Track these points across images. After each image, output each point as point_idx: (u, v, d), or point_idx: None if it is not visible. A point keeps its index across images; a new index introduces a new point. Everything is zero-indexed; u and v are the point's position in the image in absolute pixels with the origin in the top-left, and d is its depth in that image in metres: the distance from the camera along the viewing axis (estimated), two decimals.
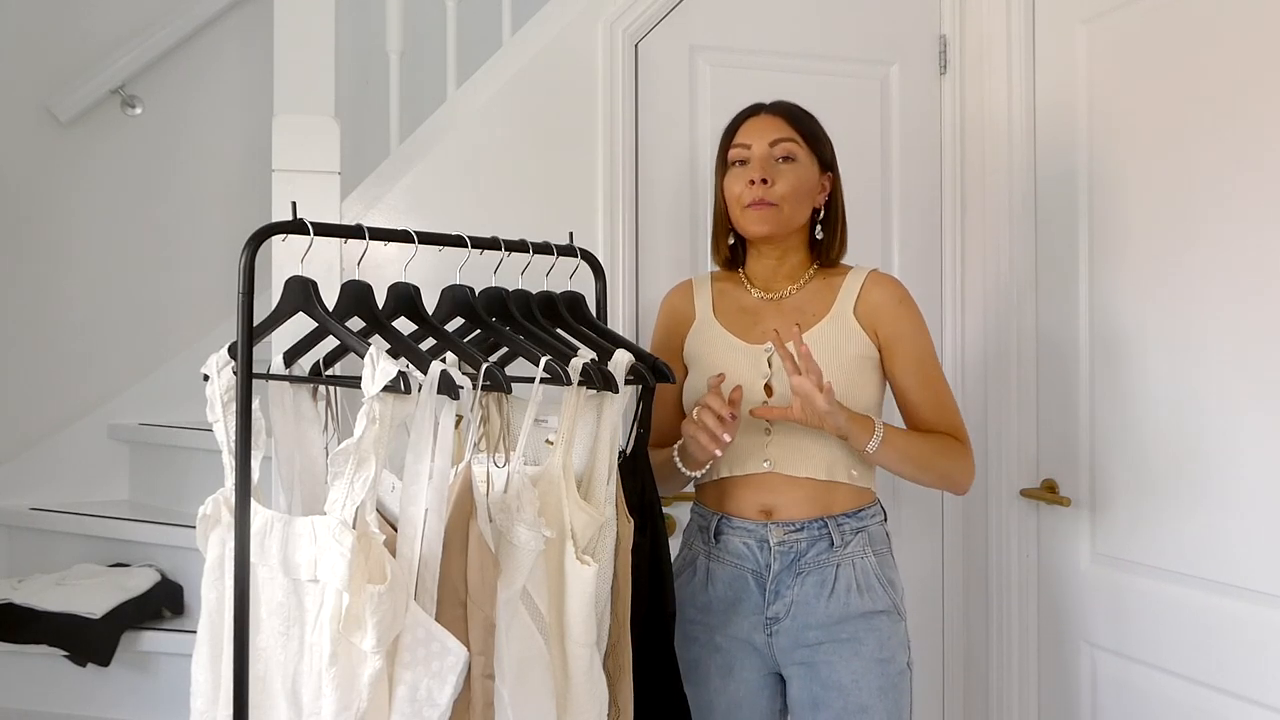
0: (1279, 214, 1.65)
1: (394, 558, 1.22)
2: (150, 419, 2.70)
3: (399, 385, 1.19)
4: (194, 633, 1.42)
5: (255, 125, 2.61)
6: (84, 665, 2.13)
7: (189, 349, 2.73)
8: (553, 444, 1.38)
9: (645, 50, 2.11)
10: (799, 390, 1.52)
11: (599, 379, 1.37)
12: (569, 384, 1.34)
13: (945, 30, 2.27)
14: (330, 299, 1.38)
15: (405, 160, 2.03)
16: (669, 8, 2.11)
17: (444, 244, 1.46)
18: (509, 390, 1.32)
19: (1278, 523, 1.65)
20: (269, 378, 1.44)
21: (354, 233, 1.38)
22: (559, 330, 1.57)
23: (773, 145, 1.67)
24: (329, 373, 1.49)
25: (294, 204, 1.37)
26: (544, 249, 1.57)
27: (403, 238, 1.42)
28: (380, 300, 1.43)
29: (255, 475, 1.31)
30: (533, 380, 1.32)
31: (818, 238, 1.73)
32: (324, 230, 1.35)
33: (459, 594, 1.24)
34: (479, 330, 1.53)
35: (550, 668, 1.31)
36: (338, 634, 1.18)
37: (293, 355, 1.46)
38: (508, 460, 1.32)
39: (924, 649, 2.13)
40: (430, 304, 1.49)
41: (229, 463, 1.36)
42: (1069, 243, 2.06)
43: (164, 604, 2.25)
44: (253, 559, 1.28)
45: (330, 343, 1.44)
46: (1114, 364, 1.95)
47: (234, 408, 1.30)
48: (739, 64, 2.15)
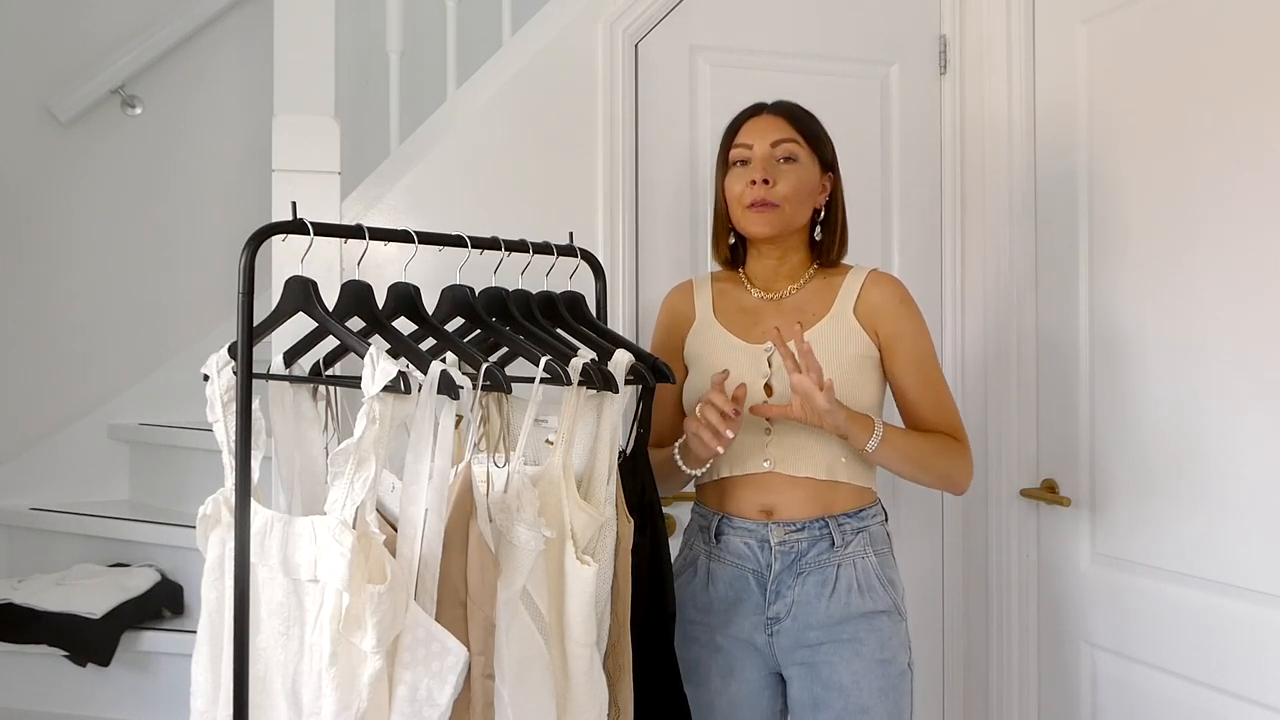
0: (1279, 214, 1.65)
1: (394, 558, 1.22)
2: (150, 419, 2.70)
3: (399, 385, 1.19)
4: (194, 633, 1.42)
5: (255, 125, 2.61)
6: (84, 665, 2.13)
7: (189, 349, 2.73)
8: (553, 444, 1.38)
9: (645, 50, 2.11)
10: (799, 388, 1.52)
11: (599, 379, 1.37)
12: (569, 384, 1.34)
13: (945, 30, 2.27)
14: (330, 299, 1.38)
15: (405, 160, 2.03)
16: (669, 8, 2.11)
17: (444, 244, 1.46)
18: (509, 390, 1.32)
19: (1278, 523, 1.65)
20: (269, 378, 1.44)
21: (354, 233, 1.38)
22: (559, 330, 1.57)
23: (774, 146, 1.67)
24: (329, 373, 1.49)
25: (294, 204, 1.37)
26: (544, 249, 1.57)
27: (403, 238, 1.42)
28: (380, 300, 1.43)
29: (255, 475, 1.31)
30: (533, 380, 1.32)
31: (817, 238, 1.73)
32: (324, 230, 1.35)
33: (459, 594, 1.24)
34: (479, 330, 1.53)
35: (550, 668, 1.31)
36: (338, 634, 1.18)
37: (293, 355, 1.46)
38: (508, 460, 1.32)
39: (924, 649, 2.13)
40: (430, 304, 1.49)
41: (229, 463, 1.36)
42: (1069, 243, 2.05)
43: (164, 604, 2.25)
44: (253, 559, 1.28)
45: (330, 343, 1.44)
46: (1114, 364, 1.95)
47: (234, 408, 1.30)
48: (739, 64, 2.15)
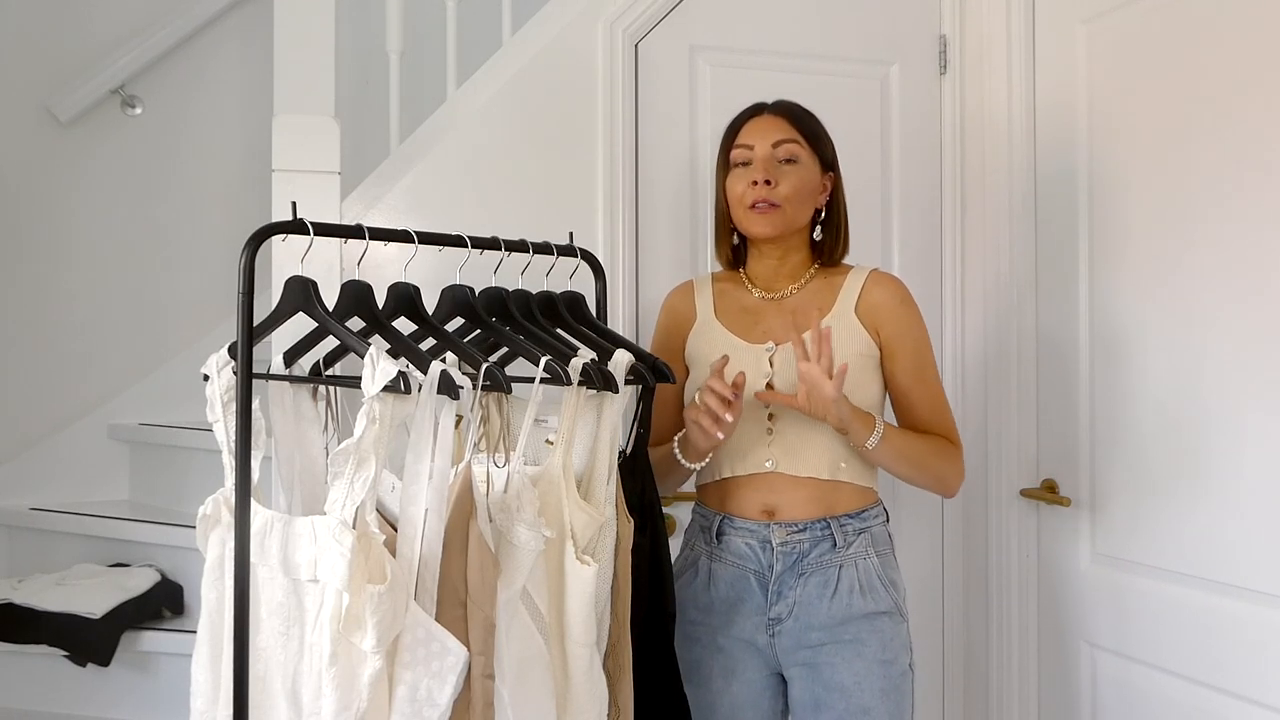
0: (1279, 214, 1.65)
1: (394, 558, 1.22)
2: (150, 419, 2.70)
3: (399, 385, 1.19)
4: (194, 633, 1.42)
5: (255, 125, 2.61)
6: (84, 665, 2.12)
7: (189, 349, 2.73)
8: (553, 444, 1.38)
9: (645, 50, 2.11)
10: (807, 377, 1.52)
11: (599, 379, 1.37)
12: (569, 384, 1.34)
13: (945, 30, 2.27)
14: (330, 299, 1.38)
15: (405, 160, 2.03)
16: (669, 8, 2.11)
17: (444, 244, 1.46)
18: (509, 390, 1.32)
19: (1278, 523, 1.65)
20: (269, 378, 1.44)
21: (354, 233, 1.38)
22: (559, 330, 1.57)
23: (775, 146, 1.67)
24: (329, 373, 1.49)
25: (294, 204, 1.37)
26: (544, 249, 1.57)
27: (403, 238, 1.42)
28: (380, 300, 1.43)
29: (255, 475, 1.31)
30: (533, 380, 1.32)
31: (818, 238, 1.73)
32: (324, 230, 1.35)
33: (459, 594, 1.24)
34: (479, 330, 1.53)
35: (550, 668, 1.31)
36: (338, 634, 1.18)
37: (293, 355, 1.46)
38: (508, 460, 1.32)
39: (924, 649, 2.13)
40: (430, 304, 1.49)
41: (229, 463, 1.36)
42: (1069, 243, 2.05)
43: (164, 604, 2.25)
44: (253, 559, 1.28)
45: (330, 343, 1.44)
46: (1114, 364, 1.95)
47: (234, 408, 1.30)
48: (739, 64, 2.15)
